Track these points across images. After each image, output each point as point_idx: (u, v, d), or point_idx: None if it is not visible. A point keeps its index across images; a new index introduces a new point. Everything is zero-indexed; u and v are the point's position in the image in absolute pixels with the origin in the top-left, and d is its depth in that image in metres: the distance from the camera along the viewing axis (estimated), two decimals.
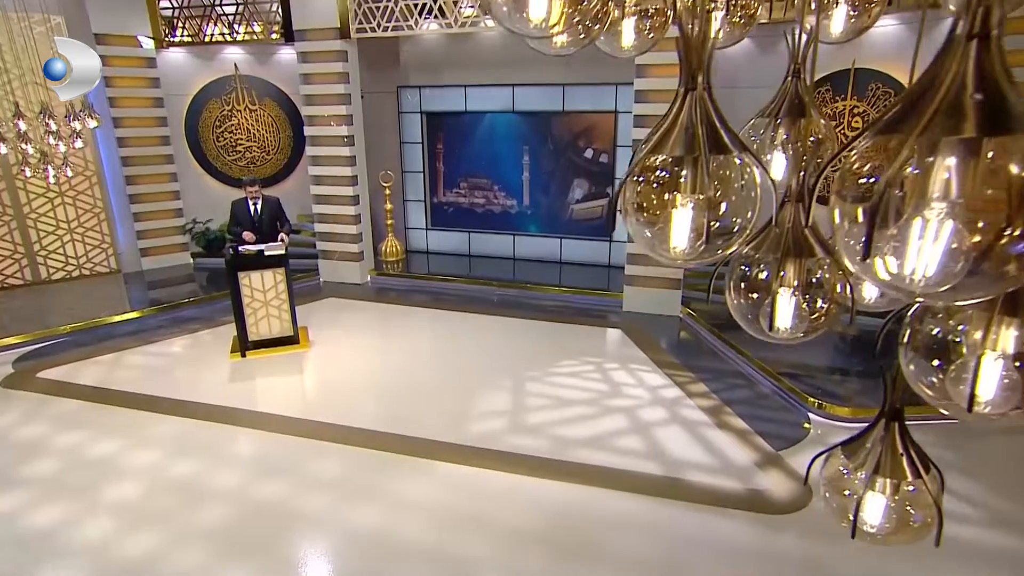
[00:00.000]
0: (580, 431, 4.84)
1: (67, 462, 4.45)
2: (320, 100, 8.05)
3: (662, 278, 7.21)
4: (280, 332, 6.37)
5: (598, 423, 4.96)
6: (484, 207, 9.37)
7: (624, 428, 4.89)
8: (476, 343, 6.65)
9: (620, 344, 6.63)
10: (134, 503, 4.01)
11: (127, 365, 6.17)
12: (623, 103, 8.03)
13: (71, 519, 3.85)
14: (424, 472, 4.31)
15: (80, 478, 4.26)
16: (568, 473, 4.30)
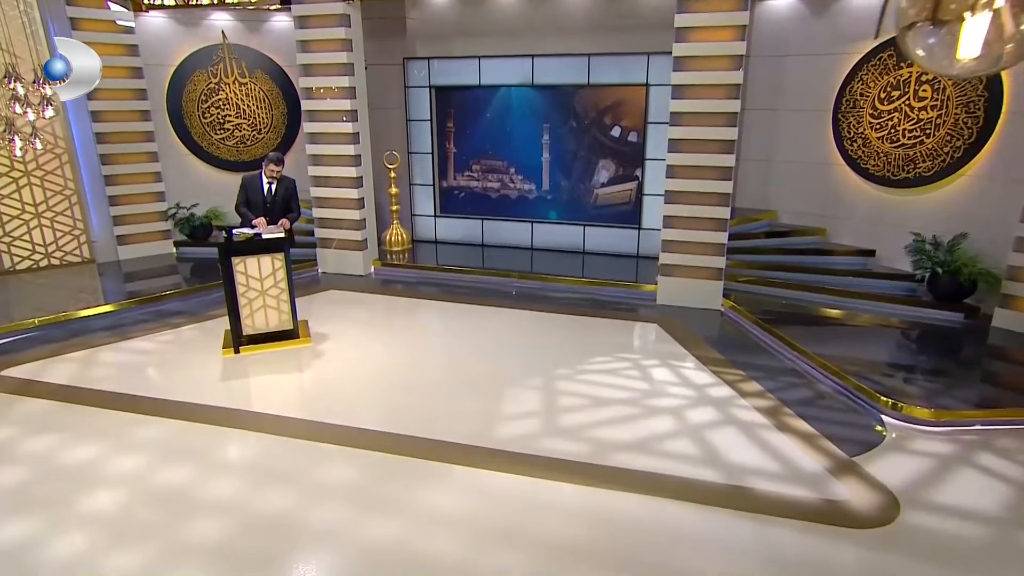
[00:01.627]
0: (623, 433, 4.59)
1: (37, 470, 4.17)
2: (319, 70, 7.81)
3: (702, 268, 6.98)
4: (278, 325, 6.11)
5: (642, 425, 4.72)
6: (499, 192, 9.13)
7: (672, 430, 4.64)
8: (496, 339, 6.41)
9: (657, 339, 6.38)
10: (115, 516, 3.73)
11: (103, 362, 5.90)
12: (656, 75, 7.82)
13: (42, 535, 3.58)
14: (448, 479, 4.06)
15: (52, 488, 3.99)
16: (613, 480, 4.05)
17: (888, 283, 6.88)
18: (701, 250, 6.92)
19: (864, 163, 7.17)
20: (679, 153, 6.74)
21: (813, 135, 7.67)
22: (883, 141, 6.87)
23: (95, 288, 7.90)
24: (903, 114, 6.61)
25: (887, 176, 6.92)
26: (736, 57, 6.24)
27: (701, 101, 6.48)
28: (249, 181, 6.27)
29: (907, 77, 6.31)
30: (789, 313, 6.66)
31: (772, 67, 7.60)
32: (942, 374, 5.39)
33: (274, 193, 6.29)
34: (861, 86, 7.03)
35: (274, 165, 6.17)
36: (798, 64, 7.61)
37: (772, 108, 7.77)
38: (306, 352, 6.07)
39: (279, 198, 6.31)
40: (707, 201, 6.75)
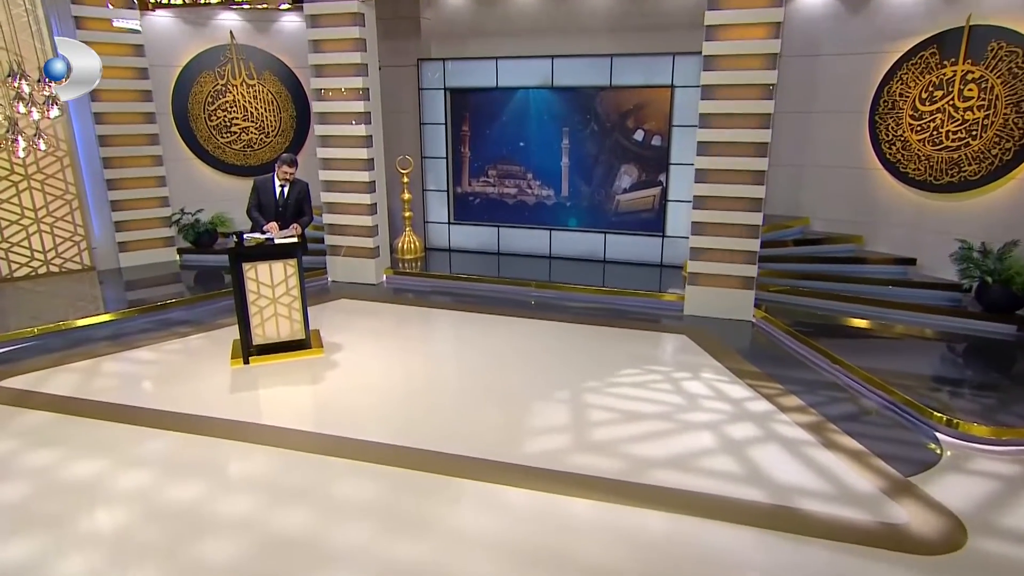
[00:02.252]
0: (659, 450, 4.46)
1: (38, 485, 4.05)
2: (332, 71, 7.75)
3: (732, 276, 6.85)
4: (289, 335, 6.01)
5: (679, 440, 4.59)
6: (516, 198, 9.04)
7: (711, 447, 4.50)
8: (516, 350, 6.29)
9: (687, 351, 6.25)
10: (121, 535, 3.61)
11: (106, 373, 5.81)
12: (682, 76, 7.75)
13: (44, 555, 3.45)
14: (475, 496, 3.93)
15: (54, 505, 3.87)
16: (652, 499, 3.91)
17: (931, 293, 6.73)
18: (731, 258, 6.80)
19: (903, 167, 7.05)
20: (709, 156, 6.64)
21: (848, 138, 7.56)
22: (925, 144, 6.75)
23: (96, 296, 7.80)
24: (947, 115, 6.50)
25: (929, 180, 6.80)
26: (769, 56, 6.16)
27: (733, 102, 6.39)
28: (261, 184, 6.20)
29: (951, 76, 6.21)
30: (825, 324, 6.52)
31: (804, 67, 7.51)
32: (997, 389, 5.23)
33: (286, 196, 6.21)
34: (900, 86, 6.92)
35: (287, 167, 6.09)
36: (832, 64, 7.52)
37: (804, 110, 7.67)
38: (318, 363, 5.96)
39: (291, 202, 6.23)
40: (738, 206, 6.64)
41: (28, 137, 5.78)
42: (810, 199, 7.98)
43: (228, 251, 5.73)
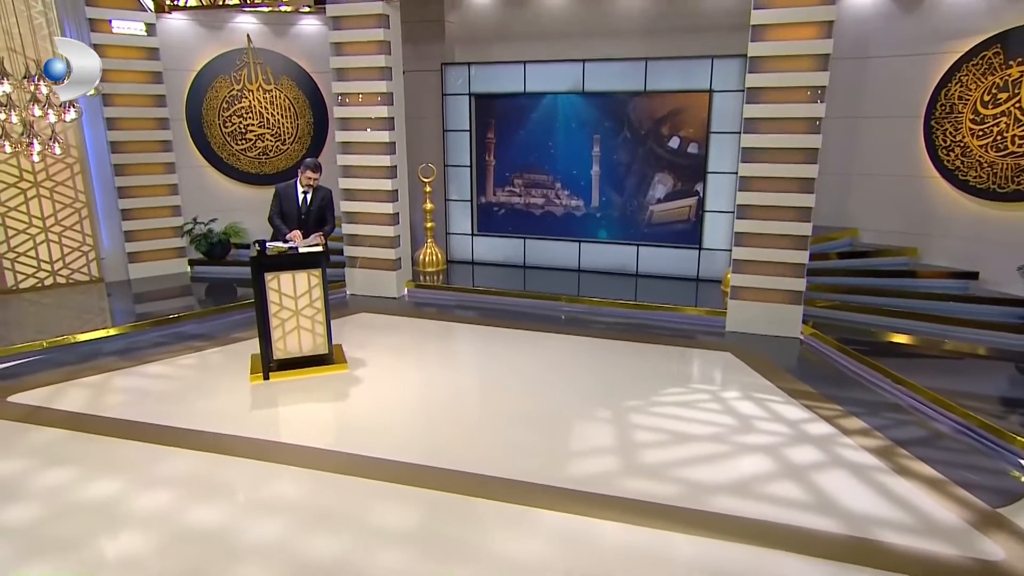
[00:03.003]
0: (715, 474, 4.31)
1: (53, 506, 3.93)
2: (355, 74, 7.72)
3: (778, 291, 6.70)
4: (312, 349, 5.89)
5: (735, 464, 4.43)
6: (543, 208, 8.96)
7: (772, 471, 4.33)
8: (550, 366, 6.16)
9: (733, 369, 6.10)
10: (143, 560, 3.47)
11: (119, 388, 5.75)
12: (721, 80, 7.67)
13: None
14: (520, 522, 3.78)
15: (71, 527, 3.74)
16: (713, 526, 3.75)
17: (997, 309, 6.53)
18: (778, 271, 6.65)
19: (963, 175, 6.89)
20: (754, 163, 6.52)
21: (900, 144, 7.43)
22: (987, 150, 6.60)
23: (106, 309, 7.74)
24: (1012, 118, 6.35)
25: (992, 189, 6.64)
26: (820, 56, 6.05)
27: (780, 105, 6.28)
28: (283, 190, 6.13)
29: (1017, 77, 6.08)
30: (880, 342, 6.35)
31: (852, 70, 7.40)
32: None
33: (309, 203, 6.13)
34: (960, 88, 6.79)
35: (311, 172, 6.02)
36: (883, 66, 7.41)
37: (852, 115, 7.55)
38: (342, 379, 5.84)
39: (314, 209, 6.15)
40: (785, 216, 6.51)
41: (44, 141, 5.74)
42: (859, 209, 7.83)
43: (250, 260, 5.64)
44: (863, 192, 7.80)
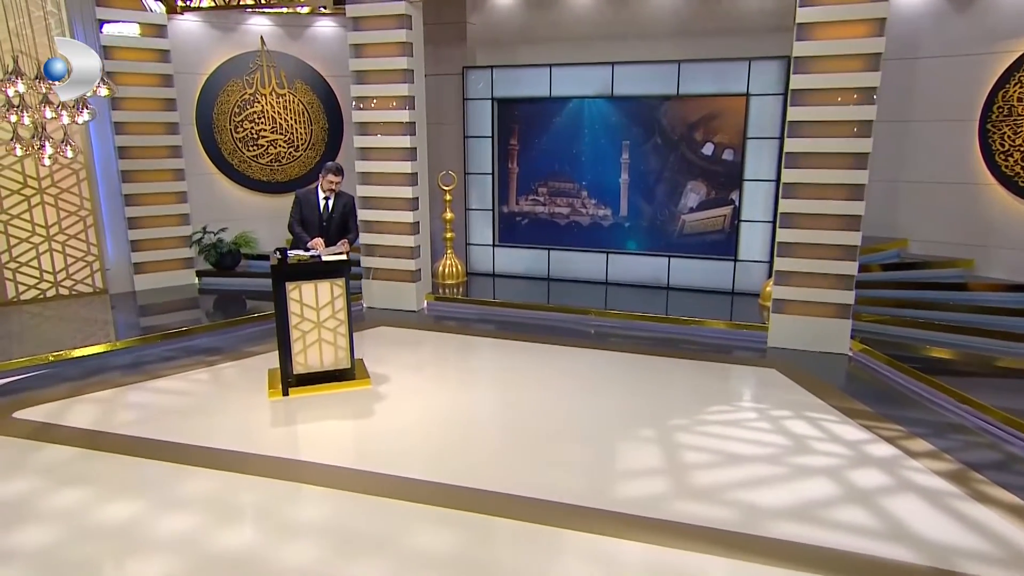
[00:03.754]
0: (774, 497, 4.17)
1: (68, 529, 3.82)
2: (375, 77, 7.69)
3: (825, 304, 6.59)
4: (333, 364, 5.80)
5: (795, 487, 4.29)
6: (568, 218, 8.89)
7: (835, 495, 4.20)
8: (583, 383, 6.06)
9: (780, 386, 5.97)
10: None
11: (131, 404, 5.67)
12: (759, 83, 7.63)
13: None
14: (575, 547, 3.66)
15: (90, 550, 3.63)
16: (776, 554, 3.61)
17: None
18: (824, 282, 6.54)
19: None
20: (799, 169, 6.43)
21: (953, 150, 7.34)
22: None
23: (111, 321, 7.67)
24: None
25: None
26: (872, 56, 5.98)
27: (827, 108, 6.20)
28: (304, 197, 6.07)
29: None
30: (935, 358, 6.21)
31: (901, 72, 7.32)
32: None
33: (331, 210, 6.07)
34: (1020, 89, 6.70)
35: (333, 175, 5.96)
36: (934, 67, 7.36)
37: (900, 119, 7.47)
38: (366, 396, 5.73)
39: (336, 216, 6.09)
40: (833, 225, 6.41)
41: (56, 143, 5.69)
42: (907, 219, 7.73)
43: (271, 268, 5.56)
44: (912, 200, 7.70)
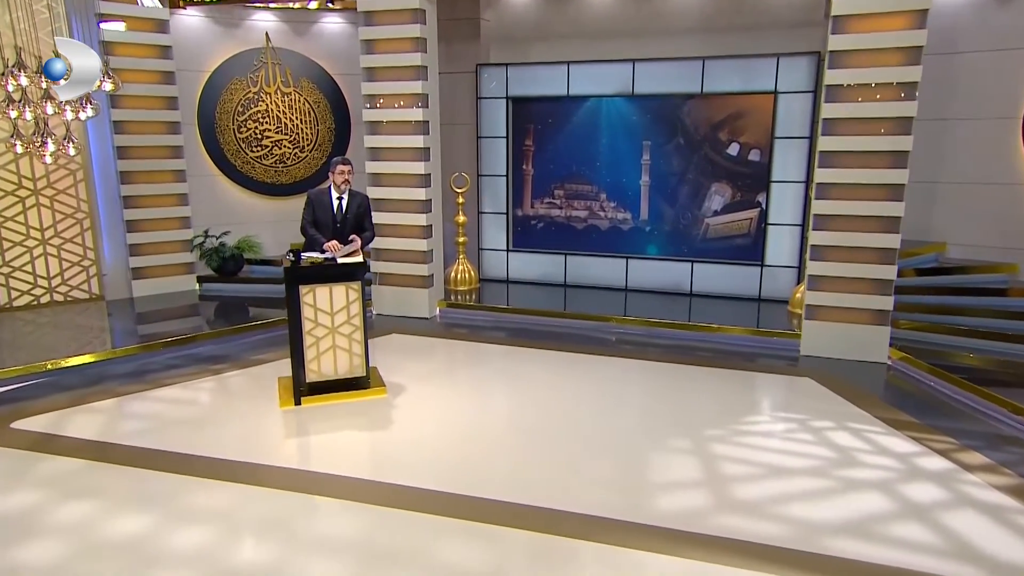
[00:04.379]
0: (825, 512, 4.08)
1: (77, 544, 3.73)
2: (387, 74, 7.63)
3: (862, 310, 6.50)
4: (348, 372, 5.70)
5: (847, 502, 4.20)
6: (586, 222, 8.82)
7: (891, 510, 4.09)
8: (608, 392, 6.00)
9: (818, 396, 5.87)
10: None
11: (135, 414, 5.61)
12: (788, 80, 7.59)
13: None
14: (616, 564, 3.56)
15: (100, 568, 3.52)
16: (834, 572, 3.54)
17: None
18: (861, 287, 6.46)
19: None
20: (833, 168, 6.36)
21: (995, 149, 7.28)
22: None
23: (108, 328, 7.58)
24: None
25: None
26: (912, 49, 5.92)
27: (865, 104, 6.14)
28: (316, 197, 5.98)
29: None
30: (981, 367, 6.12)
31: (938, 67, 7.24)
32: None
33: (345, 211, 5.98)
34: None
35: (342, 165, 5.84)
36: (975, 62, 7.31)
37: (937, 117, 7.40)
38: (382, 405, 5.63)
39: (351, 216, 5.99)
40: (870, 227, 6.33)
41: (58, 140, 5.62)
42: (945, 221, 7.64)
43: (284, 271, 5.47)
44: (951, 202, 7.61)
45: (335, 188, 5.93)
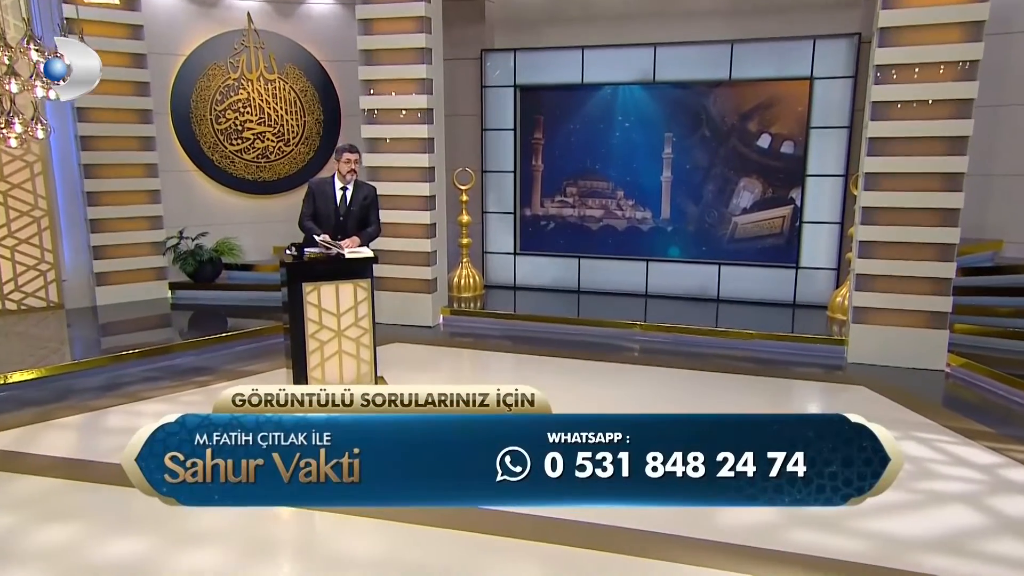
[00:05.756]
0: (910, 527, 4.00)
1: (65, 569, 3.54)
2: (387, 57, 7.54)
3: (916, 312, 6.43)
4: (355, 380, 5.47)
5: (932, 516, 4.12)
6: (602, 222, 8.77)
7: (984, 525, 4.02)
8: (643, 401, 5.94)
9: (876, 405, 5.79)
10: None
11: (113, 429, 5.43)
12: (825, 65, 7.62)
13: None
14: None
15: None
16: None
17: None
18: (915, 287, 6.40)
19: None
20: (884, 157, 6.33)
21: None
22: None
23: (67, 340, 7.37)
24: None
25: None
26: (972, 25, 5.93)
27: (919, 85, 6.12)
28: (317, 187, 5.79)
29: None
30: None
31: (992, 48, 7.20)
32: None
33: (348, 202, 5.79)
34: None
35: (349, 153, 5.65)
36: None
37: (991, 103, 7.38)
38: None
39: (355, 209, 5.81)
40: (925, 220, 6.29)
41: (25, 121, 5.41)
42: (1001, 217, 7.60)
43: (287, 267, 5.27)
44: (1008, 196, 7.58)
45: (339, 178, 5.75)
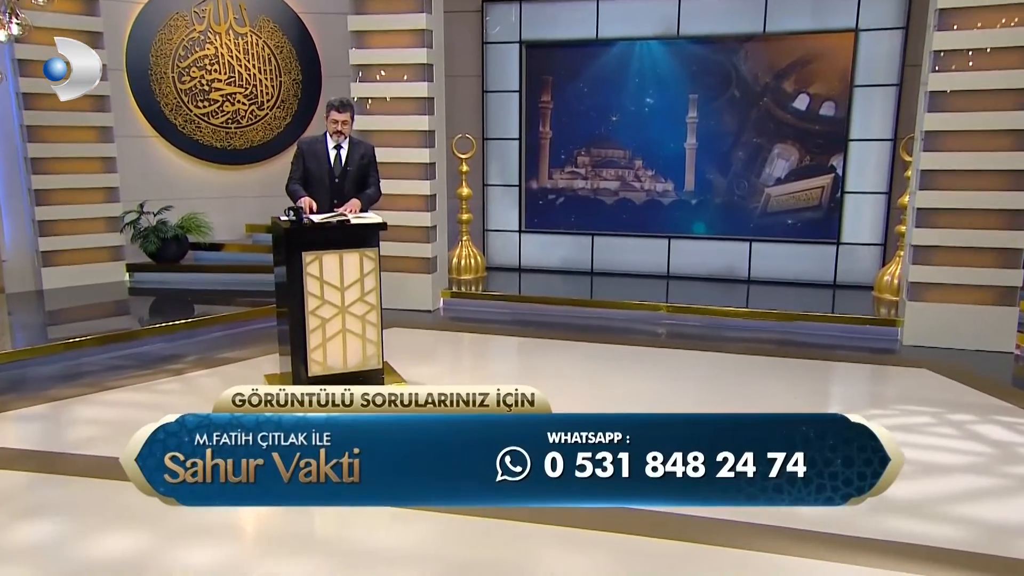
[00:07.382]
0: (1006, 513, 4.08)
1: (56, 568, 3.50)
2: (380, 5, 7.48)
3: (982, 288, 6.49)
4: (360, 364, 5.39)
5: None
6: (618, 195, 8.81)
7: None
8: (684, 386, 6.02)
9: (943, 388, 5.88)
10: None
11: (82, 420, 5.44)
12: (871, 15, 7.70)
13: None
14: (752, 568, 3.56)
15: None
16: None
17: None
18: (980, 259, 6.45)
19: None
20: (945, 113, 6.37)
21: None
22: None
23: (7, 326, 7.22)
24: None
25: None
26: None
27: (988, 32, 6.17)
28: (308, 146, 5.70)
29: None
30: None
31: None
32: None
33: (344, 162, 5.70)
34: None
35: (337, 112, 5.55)
36: None
37: None
38: None
39: (352, 169, 5.72)
40: (991, 184, 6.33)
41: None
42: None
43: (284, 234, 5.16)
44: None
45: (331, 134, 5.67)
